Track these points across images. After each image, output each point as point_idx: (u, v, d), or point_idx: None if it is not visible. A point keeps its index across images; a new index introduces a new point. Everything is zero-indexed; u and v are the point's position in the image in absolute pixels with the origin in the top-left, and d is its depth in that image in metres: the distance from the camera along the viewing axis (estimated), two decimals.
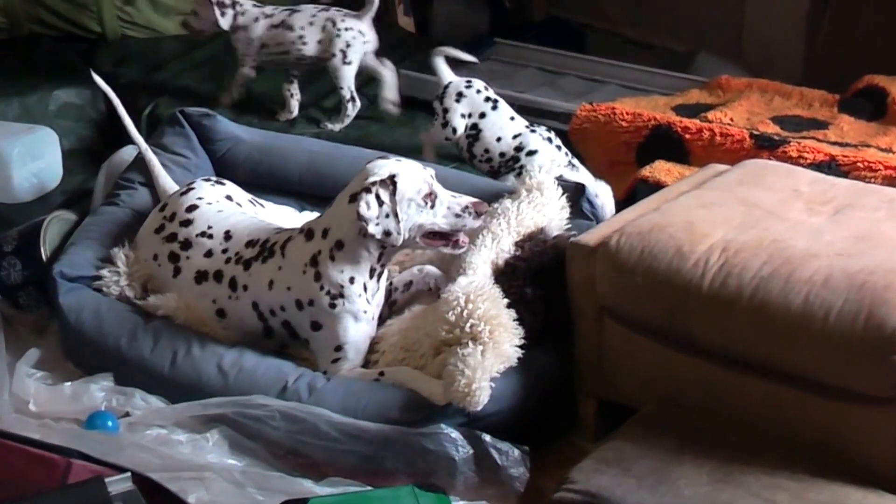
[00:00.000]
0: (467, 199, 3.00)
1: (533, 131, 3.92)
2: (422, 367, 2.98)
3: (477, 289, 2.94)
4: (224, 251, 3.21)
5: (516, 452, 2.80)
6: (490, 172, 3.92)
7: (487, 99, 4.02)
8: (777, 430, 2.74)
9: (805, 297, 2.65)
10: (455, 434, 2.78)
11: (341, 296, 3.01)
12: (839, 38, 4.87)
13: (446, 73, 4.16)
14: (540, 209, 3.25)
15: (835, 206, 3.05)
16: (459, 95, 4.02)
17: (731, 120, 4.13)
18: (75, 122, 4.72)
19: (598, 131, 4.13)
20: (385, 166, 3.00)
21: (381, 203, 2.92)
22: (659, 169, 3.84)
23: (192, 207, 3.31)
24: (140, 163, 3.71)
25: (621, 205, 3.32)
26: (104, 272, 3.36)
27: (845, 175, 3.60)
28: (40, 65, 4.97)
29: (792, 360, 2.68)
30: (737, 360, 2.76)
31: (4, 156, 4.19)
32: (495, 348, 2.87)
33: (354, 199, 2.96)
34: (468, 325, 2.89)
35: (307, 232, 3.08)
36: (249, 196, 3.49)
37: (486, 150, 3.95)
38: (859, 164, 3.70)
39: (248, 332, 3.16)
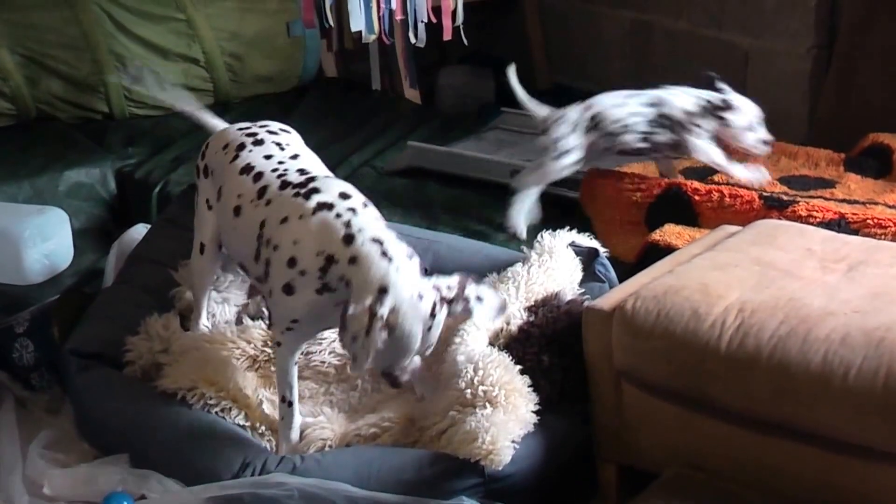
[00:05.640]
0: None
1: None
2: (438, 435, 2.95)
3: (484, 356, 2.93)
4: (280, 163, 3.11)
5: None
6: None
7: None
8: (801, 492, 2.72)
9: (824, 356, 2.64)
10: None
11: None
12: (843, 97, 4.90)
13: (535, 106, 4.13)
14: (551, 273, 3.25)
15: (848, 264, 3.05)
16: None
17: (740, 181, 4.14)
18: (85, 202, 4.74)
19: (607, 193, 4.14)
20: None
21: None
22: (669, 232, 3.84)
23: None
24: (149, 240, 3.73)
25: (633, 268, 3.32)
26: (134, 340, 3.34)
27: (855, 233, 3.60)
28: (50, 146, 4.98)
29: (814, 420, 2.66)
30: (758, 422, 2.75)
31: (15, 237, 4.20)
32: (514, 412, 2.86)
33: None
34: (481, 390, 2.88)
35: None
36: None
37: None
38: (869, 222, 3.70)
39: (243, 245, 3.06)
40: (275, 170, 3.09)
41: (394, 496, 2.80)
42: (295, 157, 3.18)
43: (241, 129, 3.33)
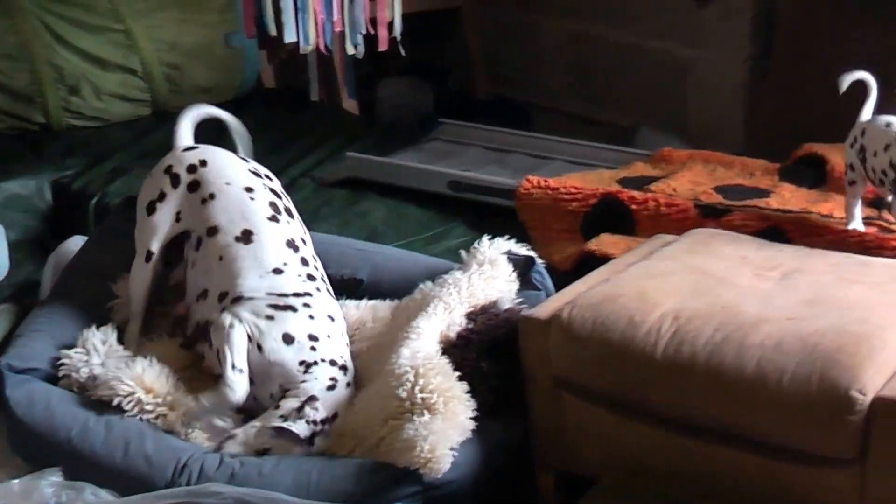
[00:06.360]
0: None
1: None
2: (377, 443, 2.95)
3: (425, 361, 2.94)
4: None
5: None
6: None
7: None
8: (739, 497, 2.74)
9: (758, 362, 2.66)
10: None
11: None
12: (778, 108, 4.96)
13: None
14: (491, 282, 3.26)
15: (782, 272, 3.08)
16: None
17: (675, 190, 4.17)
18: (22, 214, 4.69)
19: (544, 204, 4.16)
20: None
21: None
22: (605, 242, 3.87)
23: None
24: (87, 252, 3.70)
25: (569, 277, 3.33)
26: (71, 353, 3.31)
27: (789, 241, 3.64)
28: None
29: (750, 425, 2.68)
30: (694, 428, 2.76)
31: None
32: (452, 418, 2.86)
33: None
34: (420, 397, 2.88)
35: None
36: None
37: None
38: (802, 230, 3.75)
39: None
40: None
41: None
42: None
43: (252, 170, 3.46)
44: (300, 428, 2.97)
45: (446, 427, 2.82)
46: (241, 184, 3.40)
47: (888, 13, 4.57)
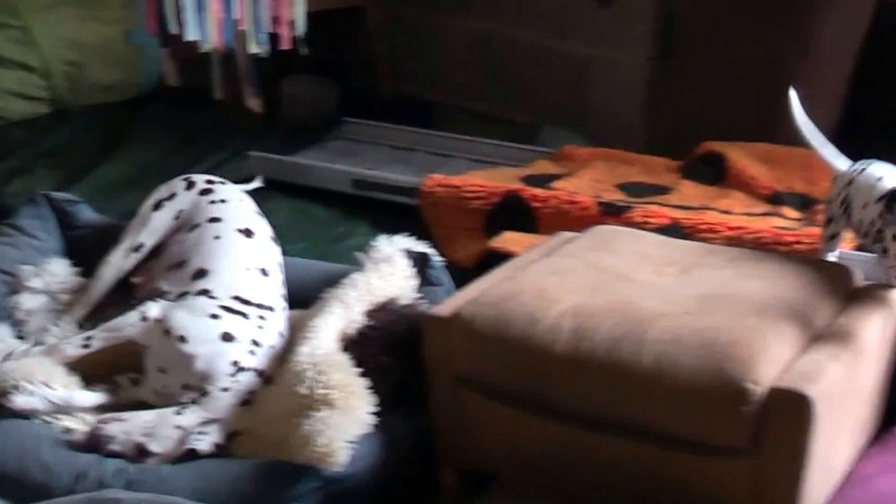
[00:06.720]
0: None
1: None
2: (278, 442, 2.94)
3: (324, 357, 2.94)
4: None
5: None
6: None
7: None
8: (639, 489, 2.78)
9: (656, 356, 2.70)
10: None
11: None
12: (678, 107, 5.02)
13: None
14: (389, 279, 3.26)
15: (681, 267, 3.13)
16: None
17: (578, 188, 4.21)
18: None
19: (447, 202, 4.18)
20: None
21: None
22: (508, 240, 3.89)
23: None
24: None
25: (472, 275, 3.35)
26: None
27: (689, 237, 3.70)
28: None
29: (648, 418, 2.72)
30: (595, 422, 2.79)
31: None
32: (351, 413, 2.86)
33: None
34: (320, 393, 2.87)
35: None
36: None
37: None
38: (701, 227, 3.81)
39: None
40: None
41: None
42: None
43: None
44: (204, 446, 2.96)
45: (344, 421, 2.81)
46: (251, 207, 3.49)
47: (784, 14, 4.65)
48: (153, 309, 3.15)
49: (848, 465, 2.91)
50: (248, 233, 3.34)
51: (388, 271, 3.28)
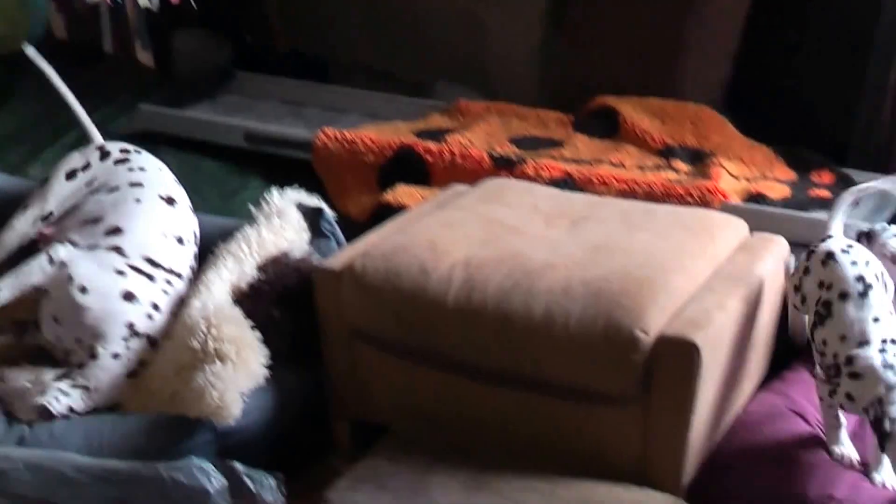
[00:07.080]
0: None
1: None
2: (171, 396, 2.91)
3: (217, 311, 2.92)
4: None
5: (270, 480, 2.75)
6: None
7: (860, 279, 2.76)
8: (529, 437, 2.81)
9: (546, 306, 2.72)
10: (207, 466, 2.71)
11: None
12: (572, 61, 5.03)
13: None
14: (280, 233, 3.25)
15: (572, 220, 3.15)
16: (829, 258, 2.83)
17: (471, 142, 4.22)
18: None
19: (340, 156, 4.17)
20: None
21: None
22: (401, 193, 3.89)
23: None
24: None
25: (365, 228, 3.34)
26: None
27: (581, 190, 3.73)
28: None
29: (539, 368, 2.75)
30: (485, 372, 2.82)
31: None
32: (244, 366, 2.85)
33: None
34: (212, 347, 2.86)
35: None
36: None
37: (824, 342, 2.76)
38: (593, 180, 3.85)
39: None
40: None
41: (122, 462, 2.74)
42: None
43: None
44: (58, 407, 2.92)
45: (236, 374, 2.81)
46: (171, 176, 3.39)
47: None
48: (61, 251, 3.07)
49: (738, 409, 2.97)
50: (170, 200, 3.27)
51: (280, 225, 3.26)
